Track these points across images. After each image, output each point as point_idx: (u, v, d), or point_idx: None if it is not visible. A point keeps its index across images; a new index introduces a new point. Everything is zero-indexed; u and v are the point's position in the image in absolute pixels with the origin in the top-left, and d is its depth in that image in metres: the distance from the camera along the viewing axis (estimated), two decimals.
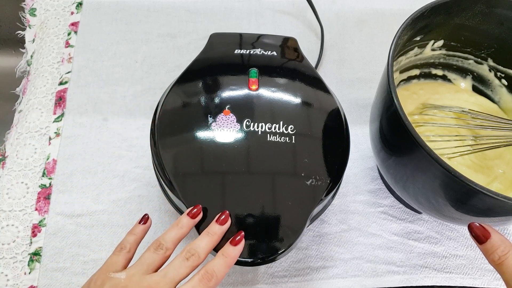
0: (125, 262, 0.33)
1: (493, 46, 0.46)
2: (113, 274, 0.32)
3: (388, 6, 0.64)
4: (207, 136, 0.39)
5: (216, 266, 0.32)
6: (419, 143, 0.33)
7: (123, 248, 0.34)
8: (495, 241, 0.30)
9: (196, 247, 0.33)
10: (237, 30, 0.59)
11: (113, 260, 0.33)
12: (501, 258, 0.30)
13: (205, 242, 0.34)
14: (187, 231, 0.35)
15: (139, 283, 0.31)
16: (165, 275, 0.31)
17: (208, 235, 0.34)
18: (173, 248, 0.34)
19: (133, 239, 0.35)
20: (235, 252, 0.34)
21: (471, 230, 0.32)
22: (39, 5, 0.61)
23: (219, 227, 0.35)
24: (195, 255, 0.33)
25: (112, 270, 0.32)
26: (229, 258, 0.33)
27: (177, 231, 0.35)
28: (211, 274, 0.32)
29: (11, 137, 0.51)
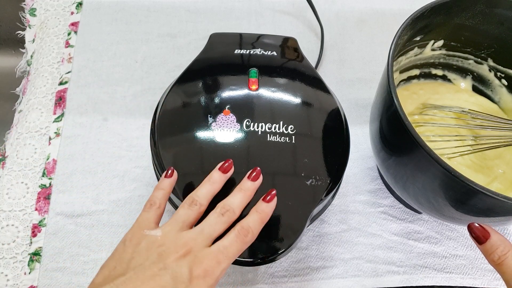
0: (157, 218, 0.33)
1: (493, 46, 0.46)
2: (148, 231, 0.31)
3: (388, 6, 0.64)
4: (207, 136, 0.39)
5: (251, 222, 0.32)
6: (419, 143, 0.33)
7: (152, 204, 0.33)
8: (495, 241, 0.30)
9: (231, 203, 0.33)
10: (237, 30, 0.59)
11: (144, 217, 0.32)
12: (501, 258, 0.30)
13: (239, 198, 0.34)
14: (220, 187, 0.35)
15: (176, 240, 0.30)
16: (202, 231, 0.31)
17: (241, 191, 0.34)
18: (206, 204, 0.34)
19: (161, 194, 0.34)
20: (268, 208, 0.34)
21: (471, 230, 0.32)
22: (39, 5, 0.61)
23: (252, 183, 0.35)
24: (230, 211, 0.33)
25: (145, 227, 0.31)
26: (263, 214, 0.33)
27: (210, 186, 0.34)
28: (247, 230, 0.32)
29: (11, 137, 0.51)
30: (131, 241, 0.31)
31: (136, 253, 0.30)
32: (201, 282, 0.29)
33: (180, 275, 0.28)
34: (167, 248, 0.30)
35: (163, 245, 0.30)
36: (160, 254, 0.29)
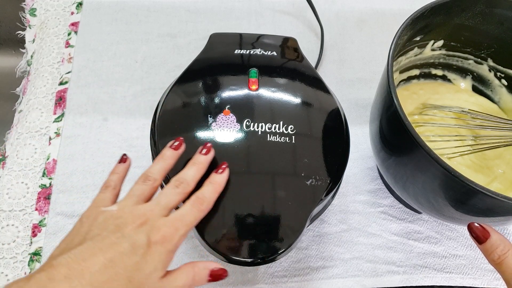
0: (113, 198, 0.34)
1: (493, 46, 0.46)
2: (104, 208, 0.32)
3: (388, 6, 0.64)
4: (207, 136, 0.39)
5: (206, 192, 0.34)
6: (419, 143, 0.33)
7: (108, 186, 0.34)
8: (495, 240, 0.30)
9: (184, 176, 0.34)
10: (237, 30, 0.59)
11: (100, 198, 0.33)
12: (500, 257, 0.30)
13: (192, 171, 0.35)
14: (173, 163, 0.36)
15: (132, 212, 0.31)
16: (158, 202, 0.32)
17: (194, 164, 0.36)
18: (160, 180, 0.35)
19: (116, 177, 0.35)
20: (221, 178, 0.36)
21: (471, 230, 0.32)
22: (39, 5, 0.61)
23: (204, 157, 0.36)
24: (184, 183, 0.34)
25: (101, 206, 0.32)
26: (216, 184, 0.35)
27: (162, 162, 0.35)
28: (202, 199, 0.33)
29: (11, 137, 0.51)
30: (88, 217, 0.31)
31: (93, 226, 0.30)
32: (159, 247, 0.29)
33: (138, 242, 0.29)
34: (125, 220, 0.30)
35: (120, 217, 0.30)
36: (117, 225, 0.30)
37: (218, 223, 0.36)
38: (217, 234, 0.35)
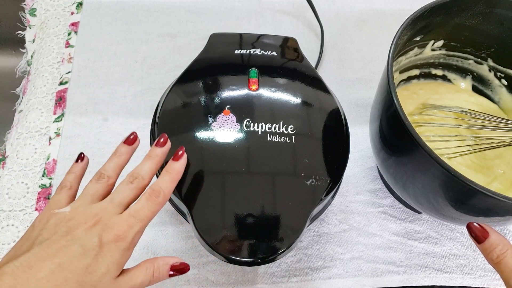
0: (68, 199, 0.32)
1: (493, 46, 0.46)
2: (57, 210, 0.31)
3: (388, 6, 0.64)
4: (207, 136, 0.39)
5: (162, 183, 0.32)
6: (419, 143, 0.33)
7: (63, 187, 0.33)
8: (494, 240, 0.30)
9: (139, 170, 0.33)
10: (237, 30, 0.59)
11: (55, 199, 0.32)
12: (499, 256, 0.30)
13: (148, 164, 0.34)
14: (127, 158, 0.35)
15: (85, 212, 0.30)
16: (111, 200, 0.31)
17: (149, 158, 0.34)
18: (115, 177, 0.33)
19: (73, 177, 0.34)
20: (178, 165, 0.34)
21: (470, 230, 0.32)
22: (39, 5, 0.61)
23: (160, 150, 0.35)
24: (138, 178, 0.32)
25: (54, 207, 0.31)
26: (174, 173, 0.34)
27: (116, 159, 0.34)
28: (158, 191, 0.32)
29: (11, 137, 0.51)
30: (40, 221, 0.30)
31: (43, 230, 0.29)
32: (113, 247, 0.29)
33: (89, 244, 0.28)
34: (76, 221, 0.29)
35: (72, 218, 0.29)
36: (68, 228, 0.29)
37: (218, 223, 0.36)
38: (217, 234, 0.35)
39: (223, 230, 0.36)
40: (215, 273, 0.44)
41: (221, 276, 0.44)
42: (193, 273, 0.44)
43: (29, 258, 0.27)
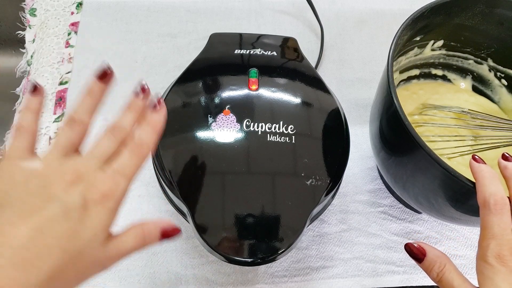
0: (30, 146, 0.27)
1: (493, 46, 0.46)
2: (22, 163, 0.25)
3: (388, 6, 0.64)
4: (207, 136, 0.39)
5: (143, 134, 0.29)
6: (419, 143, 0.33)
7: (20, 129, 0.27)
8: (431, 258, 0.30)
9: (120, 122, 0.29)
10: (237, 30, 0.59)
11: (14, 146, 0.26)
12: (439, 275, 0.29)
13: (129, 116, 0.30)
14: (100, 98, 0.30)
15: (60, 167, 0.26)
16: (91, 153, 0.27)
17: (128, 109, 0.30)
18: (88, 120, 0.29)
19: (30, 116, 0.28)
20: (159, 116, 0.30)
21: (409, 249, 0.31)
22: (39, 5, 0.61)
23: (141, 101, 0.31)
24: (121, 129, 0.29)
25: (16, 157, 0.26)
26: (155, 124, 0.30)
27: (89, 99, 0.29)
28: (140, 143, 0.28)
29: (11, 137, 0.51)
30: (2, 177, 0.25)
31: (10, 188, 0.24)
32: (100, 207, 0.25)
33: (71, 204, 0.24)
34: (52, 177, 0.25)
35: (45, 175, 0.25)
36: (42, 186, 0.24)
37: (218, 223, 0.36)
38: (217, 234, 0.35)
39: (223, 230, 0.36)
40: (215, 273, 0.44)
41: (221, 276, 0.44)
42: (193, 273, 0.44)
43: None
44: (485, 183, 0.29)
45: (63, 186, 0.25)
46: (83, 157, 0.27)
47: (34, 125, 0.28)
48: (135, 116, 0.30)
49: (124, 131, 0.29)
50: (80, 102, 0.29)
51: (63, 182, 0.25)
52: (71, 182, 0.25)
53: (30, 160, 0.26)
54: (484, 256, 0.28)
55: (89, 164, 0.26)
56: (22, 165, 0.25)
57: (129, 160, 0.27)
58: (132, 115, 0.30)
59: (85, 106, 0.29)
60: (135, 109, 0.30)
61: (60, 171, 0.25)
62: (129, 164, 0.27)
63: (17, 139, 0.27)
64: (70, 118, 0.28)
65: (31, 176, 0.25)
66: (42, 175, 0.25)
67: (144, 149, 0.28)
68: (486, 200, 0.29)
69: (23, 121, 0.28)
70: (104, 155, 0.27)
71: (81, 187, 0.25)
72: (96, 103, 0.30)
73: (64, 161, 0.26)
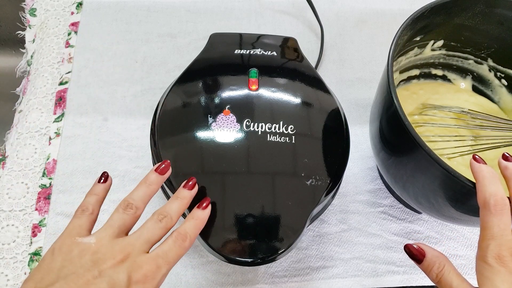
0: (89, 225, 0.31)
1: (493, 46, 0.46)
2: (80, 238, 0.29)
3: (388, 6, 0.64)
4: (207, 136, 0.39)
5: (187, 228, 0.32)
6: (419, 143, 0.33)
7: (85, 210, 0.31)
8: (430, 258, 0.30)
9: (168, 210, 0.32)
10: (237, 30, 0.59)
11: (75, 224, 0.30)
12: (438, 275, 0.29)
13: (176, 205, 0.33)
14: (157, 188, 0.34)
15: (112, 246, 0.28)
16: (139, 236, 0.30)
17: (177, 199, 0.34)
18: (143, 208, 0.32)
19: (94, 200, 0.32)
20: (203, 214, 0.34)
21: (408, 250, 0.31)
22: (39, 5, 0.61)
23: (188, 192, 0.35)
24: (167, 217, 0.32)
25: (76, 235, 0.29)
26: (199, 220, 0.33)
27: (146, 188, 0.33)
28: (184, 235, 0.31)
29: (11, 137, 0.51)
30: (61, 249, 0.28)
31: (67, 262, 0.27)
32: (140, 286, 0.27)
33: (118, 282, 0.27)
34: (103, 255, 0.28)
35: (98, 252, 0.28)
36: (95, 262, 0.27)
37: (218, 223, 0.36)
38: (217, 234, 0.35)
39: (223, 230, 0.36)
40: (215, 273, 0.44)
41: (221, 276, 0.44)
42: (193, 273, 0.44)
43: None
44: (485, 183, 0.30)
45: (112, 263, 0.28)
46: (132, 237, 0.30)
47: (96, 207, 0.32)
48: (182, 206, 0.33)
49: (170, 221, 0.32)
50: (137, 189, 0.33)
51: (113, 260, 0.28)
52: (119, 261, 0.28)
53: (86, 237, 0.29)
54: (483, 256, 0.28)
55: (137, 245, 0.29)
56: (79, 240, 0.29)
57: (172, 248, 0.30)
58: (178, 203, 0.33)
59: (140, 194, 0.33)
60: (183, 201, 0.34)
61: (112, 249, 0.28)
62: (172, 251, 0.30)
63: (79, 217, 0.31)
64: (126, 203, 0.32)
65: (86, 252, 0.28)
66: (95, 251, 0.28)
67: (186, 241, 0.31)
68: (486, 201, 0.29)
69: (87, 203, 0.32)
70: (150, 239, 0.30)
71: (128, 266, 0.28)
72: (151, 193, 0.33)
73: (115, 240, 0.29)
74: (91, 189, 0.33)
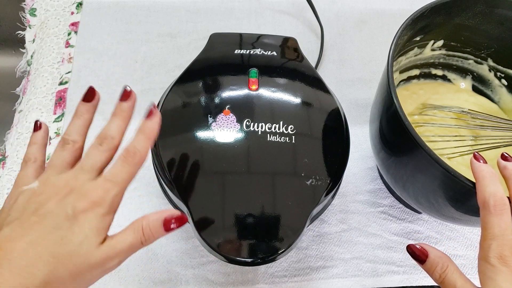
0: (35, 173, 0.30)
1: (493, 46, 0.46)
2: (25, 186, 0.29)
3: (388, 6, 0.64)
4: (207, 136, 0.39)
5: (136, 143, 0.30)
6: (419, 143, 0.33)
7: (27, 160, 0.31)
8: (433, 259, 0.30)
9: (107, 130, 0.31)
10: (237, 30, 0.59)
11: (21, 175, 0.30)
12: (441, 276, 0.29)
13: (116, 123, 0.31)
14: (90, 117, 0.32)
15: (55, 183, 0.28)
16: (81, 166, 0.29)
17: (116, 115, 0.32)
18: (81, 140, 0.31)
19: (35, 148, 0.32)
20: (152, 124, 0.31)
21: (411, 251, 0.31)
22: (39, 5, 0.61)
23: (126, 104, 0.32)
24: (107, 138, 0.30)
25: (21, 184, 0.29)
26: (149, 131, 0.31)
27: (78, 120, 0.31)
28: (133, 152, 0.30)
29: (11, 137, 0.51)
30: (9, 202, 0.29)
31: (12, 210, 0.28)
32: (89, 213, 0.27)
33: (62, 215, 0.27)
34: (47, 195, 0.28)
35: (42, 193, 0.28)
36: (39, 203, 0.27)
37: (218, 223, 0.36)
38: (217, 234, 0.35)
39: (223, 230, 0.36)
40: (215, 273, 0.44)
41: (221, 276, 0.44)
42: (193, 273, 0.44)
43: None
44: (484, 183, 0.30)
45: (56, 201, 0.27)
46: (74, 170, 0.29)
47: (39, 155, 0.32)
48: (122, 122, 0.31)
49: (113, 141, 0.30)
50: (70, 123, 0.32)
51: (56, 197, 0.27)
52: (63, 196, 0.27)
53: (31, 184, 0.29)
54: (485, 256, 0.28)
55: (79, 177, 0.29)
56: (24, 188, 0.29)
57: (120, 167, 0.29)
58: (118, 121, 0.31)
59: (75, 127, 0.31)
60: (121, 115, 0.32)
61: (54, 187, 0.28)
62: (121, 172, 0.29)
63: (24, 169, 0.31)
64: (63, 140, 0.31)
65: (31, 196, 0.28)
66: (39, 193, 0.28)
67: (137, 156, 0.30)
68: (486, 201, 0.29)
69: (29, 154, 0.31)
70: (94, 166, 0.29)
71: (72, 199, 0.27)
72: (85, 122, 0.32)
73: (58, 178, 0.29)
74: (30, 140, 0.32)
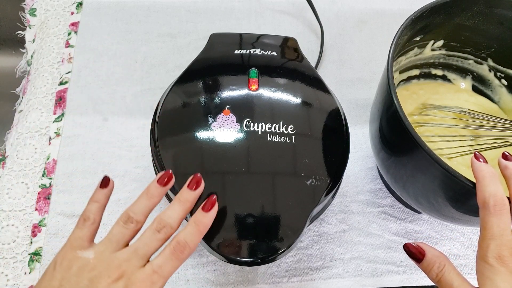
0: (91, 236, 0.31)
1: (493, 46, 0.46)
2: (80, 252, 0.29)
3: (388, 6, 0.64)
4: (207, 136, 0.39)
5: (188, 236, 0.30)
6: (419, 143, 0.33)
7: (86, 220, 0.31)
8: (430, 258, 0.30)
9: (167, 218, 0.31)
10: (237, 30, 0.59)
11: (77, 235, 0.30)
12: (438, 275, 0.29)
13: (177, 211, 0.32)
14: (158, 201, 0.32)
15: (109, 262, 0.29)
16: (136, 251, 0.30)
17: (179, 202, 0.32)
18: (143, 221, 0.32)
19: (95, 208, 0.32)
20: (207, 219, 0.32)
21: (408, 249, 0.31)
22: (39, 5, 0.61)
23: (191, 193, 0.33)
24: (166, 227, 0.31)
25: (77, 247, 0.30)
26: (201, 226, 0.31)
27: (147, 201, 0.32)
28: (183, 246, 0.30)
29: (11, 137, 0.51)
30: (62, 264, 0.29)
31: (65, 280, 0.28)
32: None
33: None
34: (99, 273, 0.28)
35: (95, 268, 0.29)
36: (91, 280, 0.28)
37: (218, 223, 0.36)
38: (217, 234, 0.35)
39: (223, 230, 0.36)
40: (215, 273, 0.44)
41: (221, 276, 0.44)
42: (193, 273, 0.44)
43: None
44: (484, 183, 0.30)
45: (107, 282, 0.28)
46: (128, 252, 0.30)
47: (98, 216, 0.32)
48: (183, 212, 0.32)
49: (170, 230, 0.31)
50: (138, 201, 0.32)
51: (108, 279, 0.28)
52: (115, 279, 0.28)
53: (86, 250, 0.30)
54: (484, 256, 0.28)
55: (132, 261, 0.29)
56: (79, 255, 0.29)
57: (168, 261, 0.29)
58: (180, 210, 0.32)
59: (141, 207, 0.32)
60: (185, 204, 0.32)
61: (108, 266, 0.29)
62: (167, 265, 0.29)
63: (80, 228, 0.31)
64: (126, 216, 0.31)
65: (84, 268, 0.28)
66: (92, 268, 0.29)
67: (185, 252, 0.30)
68: (486, 201, 0.29)
69: (89, 213, 0.31)
70: (148, 253, 0.30)
71: (122, 285, 0.28)
72: (152, 205, 0.32)
73: (113, 255, 0.29)
74: (92, 195, 0.33)
